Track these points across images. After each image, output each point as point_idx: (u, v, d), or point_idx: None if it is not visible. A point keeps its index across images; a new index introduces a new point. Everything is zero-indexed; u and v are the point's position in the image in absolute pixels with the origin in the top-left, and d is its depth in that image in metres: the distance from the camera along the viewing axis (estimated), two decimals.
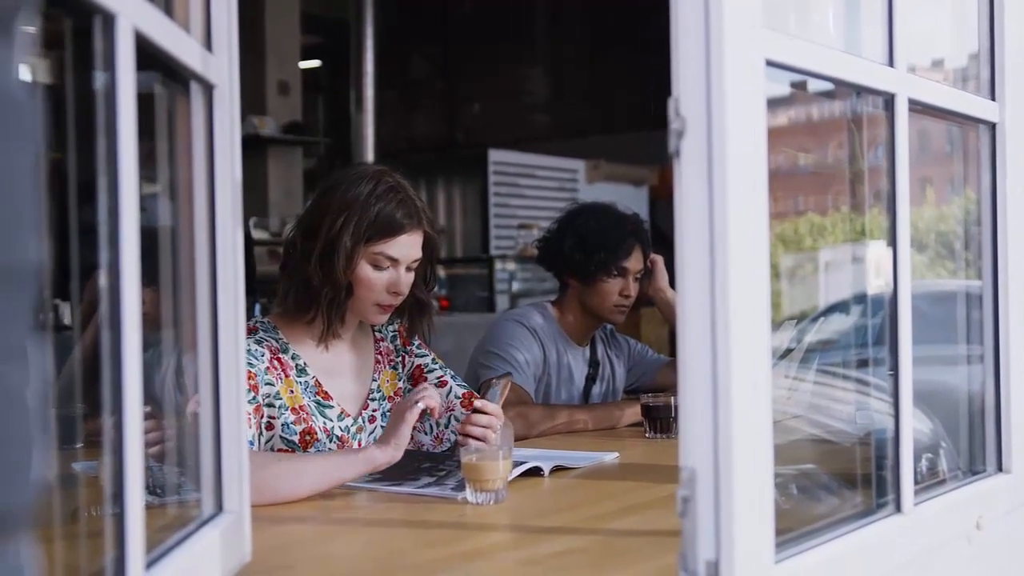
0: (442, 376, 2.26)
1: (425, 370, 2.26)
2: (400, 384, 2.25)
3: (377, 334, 2.27)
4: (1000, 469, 1.72)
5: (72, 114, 1.00)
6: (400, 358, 2.27)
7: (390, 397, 2.23)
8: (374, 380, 2.21)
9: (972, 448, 1.77)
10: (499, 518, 1.71)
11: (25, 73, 0.57)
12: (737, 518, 1.09)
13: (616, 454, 2.26)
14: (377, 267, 2.07)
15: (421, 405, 1.88)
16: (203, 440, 1.30)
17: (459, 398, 2.23)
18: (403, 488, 1.88)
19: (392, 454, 1.85)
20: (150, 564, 1.03)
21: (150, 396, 1.04)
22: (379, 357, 2.24)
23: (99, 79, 0.95)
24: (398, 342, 2.28)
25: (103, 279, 0.94)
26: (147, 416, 1.37)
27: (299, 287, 2.08)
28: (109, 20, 0.94)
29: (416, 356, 2.28)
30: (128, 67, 0.95)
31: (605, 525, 1.67)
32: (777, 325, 1.22)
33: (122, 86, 0.95)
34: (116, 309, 0.95)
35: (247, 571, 1.35)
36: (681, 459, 1.11)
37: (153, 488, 1.27)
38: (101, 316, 0.97)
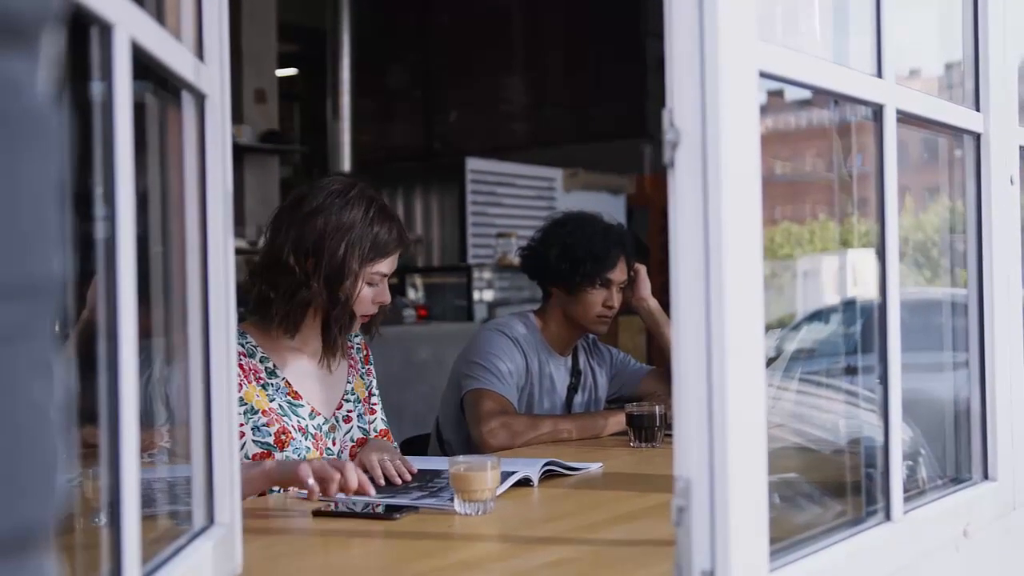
0: (375, 404, 2.37)
1: (371, 393, 2.36)
2: (366, 392, 2.33)
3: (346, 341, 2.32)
4: (986, 477, 1.73)
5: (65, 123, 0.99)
6: (365, 369, 2.37)
7: (363, 400, 2.31)
8: (348, 382, 2.29)
9: (958, 456, 1.78)
10: (488, 528, 1.70)
11: (49, 87, 0.56)
12: (733, 527, 1.09)
13: (600, 464, 2.26)
14: (371, 284, 2.17)
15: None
16: (194, 452, 1.29)
17: (377, 432, 2.33)
18: (398, 500, 1.86)
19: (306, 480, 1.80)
20: None
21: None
22: (352, 362, 2.32)
23: (95, 88, 0.95)
24: (361, 355, 2.36)
25: (101, 290, 0.93)
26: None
27: (299, 307, 2.12)
28: (106, 30, 0.93)
29: (372, 377, 2.38)
30: (125, 77, 0.95)
31: (595, 535, 1.67)
32: None
33: (119, 96, 0.94)
34: (112, 319, 0.94)
35: None
36: (676, 468, 1.11)
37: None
38: (89, 326, 0.96)
